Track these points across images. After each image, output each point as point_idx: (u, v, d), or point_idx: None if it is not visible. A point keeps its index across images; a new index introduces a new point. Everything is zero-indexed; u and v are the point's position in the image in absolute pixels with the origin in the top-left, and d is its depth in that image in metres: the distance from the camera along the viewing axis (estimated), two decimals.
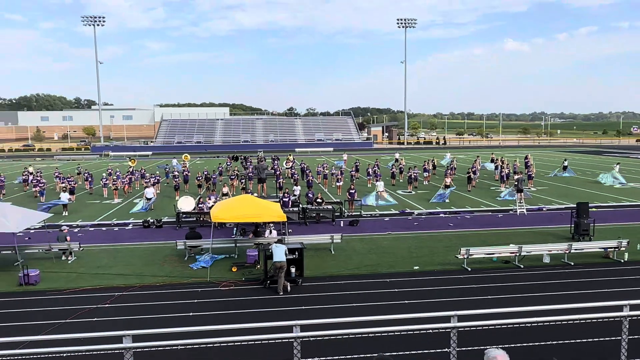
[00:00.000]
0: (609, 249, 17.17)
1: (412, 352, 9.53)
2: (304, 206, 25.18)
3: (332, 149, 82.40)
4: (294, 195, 28.05)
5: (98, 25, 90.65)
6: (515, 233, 21.17)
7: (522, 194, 26.85)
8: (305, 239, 18.23)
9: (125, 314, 12.81)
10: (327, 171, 40.46)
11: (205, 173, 36.71)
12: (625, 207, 27.38)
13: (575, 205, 20.82)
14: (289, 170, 42.11)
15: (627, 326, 6.32)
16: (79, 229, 23.40)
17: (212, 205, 21.48)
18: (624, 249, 16.92)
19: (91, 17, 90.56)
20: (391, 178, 39.24)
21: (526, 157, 42.52)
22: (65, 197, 28.39)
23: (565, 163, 43.68)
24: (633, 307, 6.32)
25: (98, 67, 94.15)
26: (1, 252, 18.47)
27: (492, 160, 46.65)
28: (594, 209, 23.31)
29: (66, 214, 26.76)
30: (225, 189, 30.37)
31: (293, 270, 14.87)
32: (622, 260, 16.68)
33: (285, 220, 17.97)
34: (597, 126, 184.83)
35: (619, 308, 6.42)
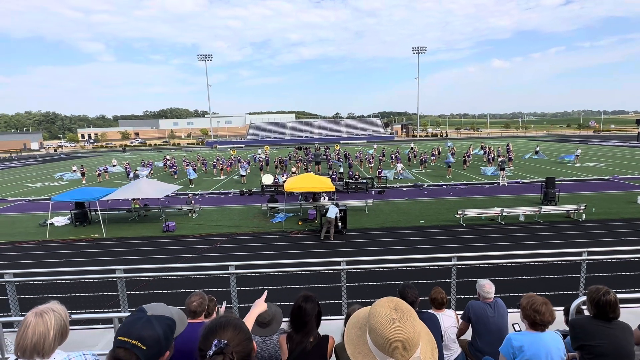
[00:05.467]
0: (570, 211, 16.06)
1: (423, 281, 9.40)
2: (347, 180, 25.03)
3: (365, 141, 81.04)
4: (340, 172, 27.94)
5: (208, 60, 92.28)
6: (498, 199, 20.17)
7: (504, 171, 25.50)
8: (348, 203, 18.17)
9: (229, 251, 13.28)
10: (362, 156, 39.98)
11: (280, 158, 37.19)
12: (583, 181, 25.43)
13: (544, 179, 19.57)
14: (336, 155, 41.93)
15: (585, 267, 5.93)
16: (199, 196, 24.39)
17: (285, 180, 21.77)
18: (582, 211, 15.79)
19: (203, 55, 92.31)
20: (407, 161, 38.27)
21: (507, 145, 40.16)
22: (192, 174, 29.21)
23: (537, 149, 40.90)
24: (590, 253, 5.92)
25: (209, 89, 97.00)
26: (152, 210, 19.62)
27: (481, 148, 44.44)
28: (559, 182, 21.80)
29: (192, 186, 27.93)
30: (293, 169, 30.70)
31: (340, 224, 14.88)
32: (581, 220, 15.57)
33: (334, 190, 17.95)
34: (562, 121, 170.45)
35: (579, 254, 6.02)
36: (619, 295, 2.87)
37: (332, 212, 14.10)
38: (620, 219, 15.49)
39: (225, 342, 1.26)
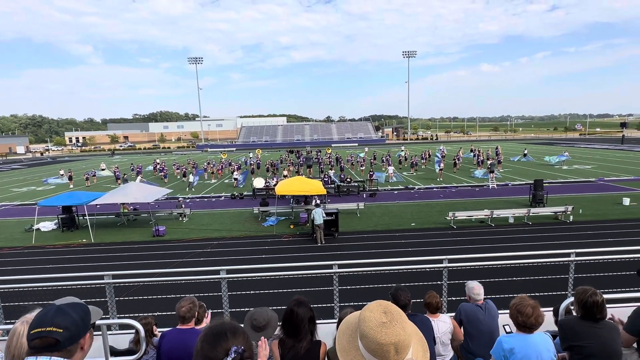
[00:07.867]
0: (558, 213, 16.31)
1: (415, 283, 9.44)
2: (338, 183, 25.05)
3: (357, 144, 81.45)
4: (331, 176, 27.95)
5: (198, 63, 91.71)
6: (488, 201, 20.39)
7: (493, 173, 25.83)
8: (339, 206, 18.20)
9: (220, 255, 13.19)
10: (353, 159, 40.09)
11: (271, 161, 37.10)
12: (570, 183, 25.88)
13: (532, 182, 19.87)
14: (328, 159, 41.96)
15: (573, 267, 6.01)
16: (189, 199, 24.18)
17: (276, 183, 21.70)
18: (569, 212, 16.06)
19: (194, 58, 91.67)
20: (398, 164, 38.51)
21: (496, 148, 40.80)
22: (196, 178, 29.02)
23: (525, 152, 41.57)
24: (578, 254, 6.00)
25: (199, 92, 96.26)
26: (141, 214, 19.37)
27: (471, 151, 44.98)
28: (546, 184, 22.11)
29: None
30: (285, 172, 30.61)
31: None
32: (568, 221, 15.83)
33: (325, 193, 17.97)
34: (549, 124, 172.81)
35: (567, 255, 6.10)
36: (605, 296, 2.91)
37: (318, 218, 14.06)
38: (607, 220, 15.78)
39: (242, 348, 1.24)
